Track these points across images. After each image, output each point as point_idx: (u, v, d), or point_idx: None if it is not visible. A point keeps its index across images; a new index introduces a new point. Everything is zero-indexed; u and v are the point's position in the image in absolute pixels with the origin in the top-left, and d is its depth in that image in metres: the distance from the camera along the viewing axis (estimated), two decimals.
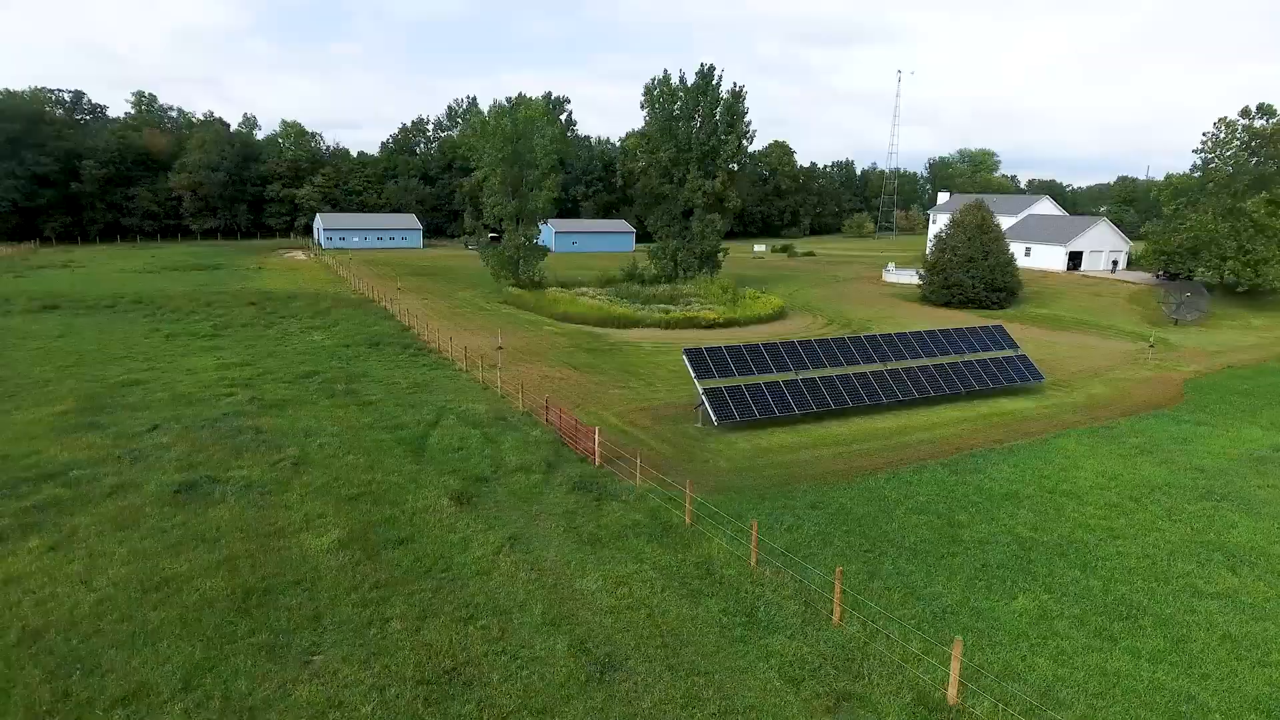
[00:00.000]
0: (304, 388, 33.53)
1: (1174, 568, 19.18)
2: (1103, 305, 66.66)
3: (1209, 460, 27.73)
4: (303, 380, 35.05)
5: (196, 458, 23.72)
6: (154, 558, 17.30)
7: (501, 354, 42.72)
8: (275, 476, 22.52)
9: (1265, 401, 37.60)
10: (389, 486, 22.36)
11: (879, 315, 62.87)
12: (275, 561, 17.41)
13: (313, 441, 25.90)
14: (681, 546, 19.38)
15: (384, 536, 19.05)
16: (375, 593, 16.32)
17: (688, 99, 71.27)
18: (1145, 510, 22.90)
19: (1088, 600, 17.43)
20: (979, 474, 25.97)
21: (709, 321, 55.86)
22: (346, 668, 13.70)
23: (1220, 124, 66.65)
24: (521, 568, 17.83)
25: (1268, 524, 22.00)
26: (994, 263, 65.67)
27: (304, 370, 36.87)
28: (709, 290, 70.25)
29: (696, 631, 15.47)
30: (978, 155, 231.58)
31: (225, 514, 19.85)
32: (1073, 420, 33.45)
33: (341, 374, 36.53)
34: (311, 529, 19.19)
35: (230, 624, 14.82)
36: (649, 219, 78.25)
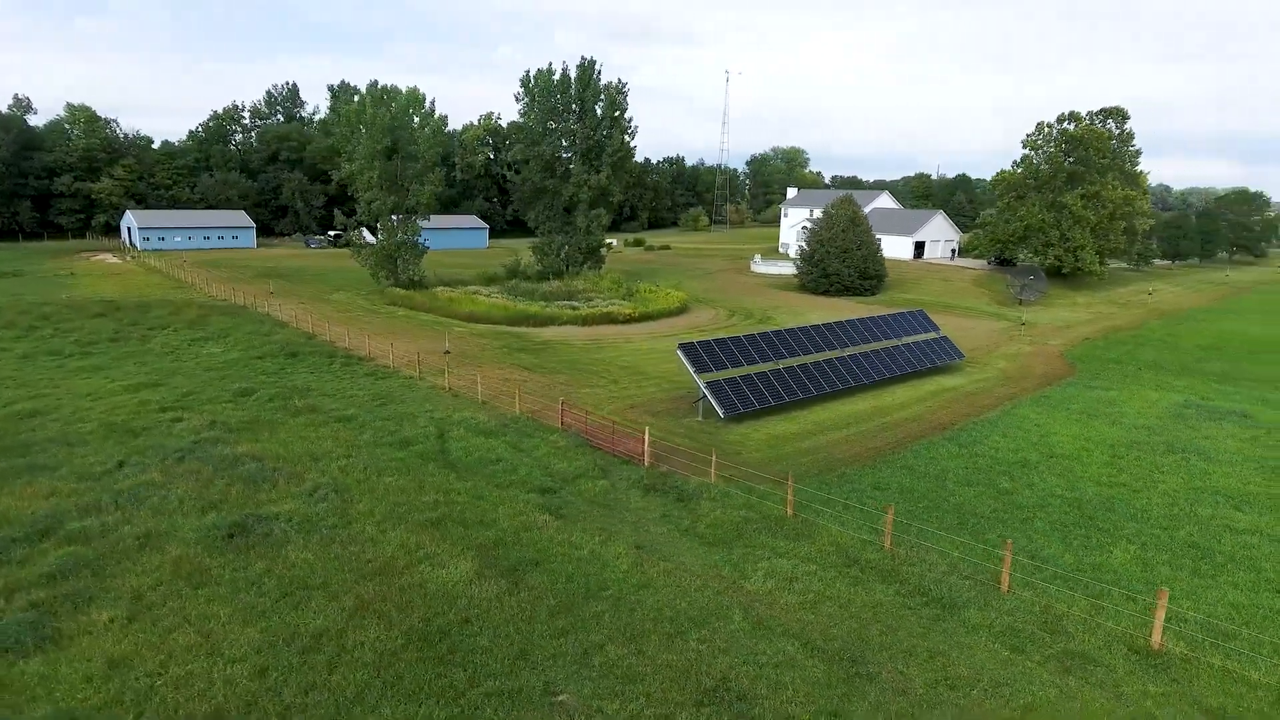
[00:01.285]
0: (257, 407, 29.58)
1: (1198, 512, 22.14)
2: (955, 289, 74.39)
3: (1142, 419, 32.09)
4: (244, 399, 30.93)
5: (211, 495, 20.30)
6: (274, 614, 14.71)
7: (449, 358, 40.09)
8: (326, 508, 19.83)
9: (1137, 367, 44.00)
10: (461, 506, 20.45)
11: (774, 305, 65.91)
12: (419, 601, 15.42)
13: (330, 465, 23.02)
14: (803, 537, 19.50)
15: (510, 560, 17.45)
16: (560, 620, 14.97)
17: (577, 90, 70.31)
18: (1137, 465, 26.13)
19: (1164, 546, 19.70)
20: (981, 444, 28.27)
21: (626, 317, 55.78)
22: (606, 702, 12.53)
23: (1039, 128, 76.78)
24: (676, 576, 17.10)
25: (1229, 469, 25.92)
26: (865, 253, 71.06)
27: (237, 388, 32.49)
28: (601, 285, 70.11)
29: (894, 616, 15.73)
30: (790, 153, 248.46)
31: (308, 555, 17.25)
32: (1008, 392, 37.24)
33: (283, 389, 32.62)
34: (426, 561, 17.17)
35: (440, 675, 13.00)
36: (529, 214, 76.43)
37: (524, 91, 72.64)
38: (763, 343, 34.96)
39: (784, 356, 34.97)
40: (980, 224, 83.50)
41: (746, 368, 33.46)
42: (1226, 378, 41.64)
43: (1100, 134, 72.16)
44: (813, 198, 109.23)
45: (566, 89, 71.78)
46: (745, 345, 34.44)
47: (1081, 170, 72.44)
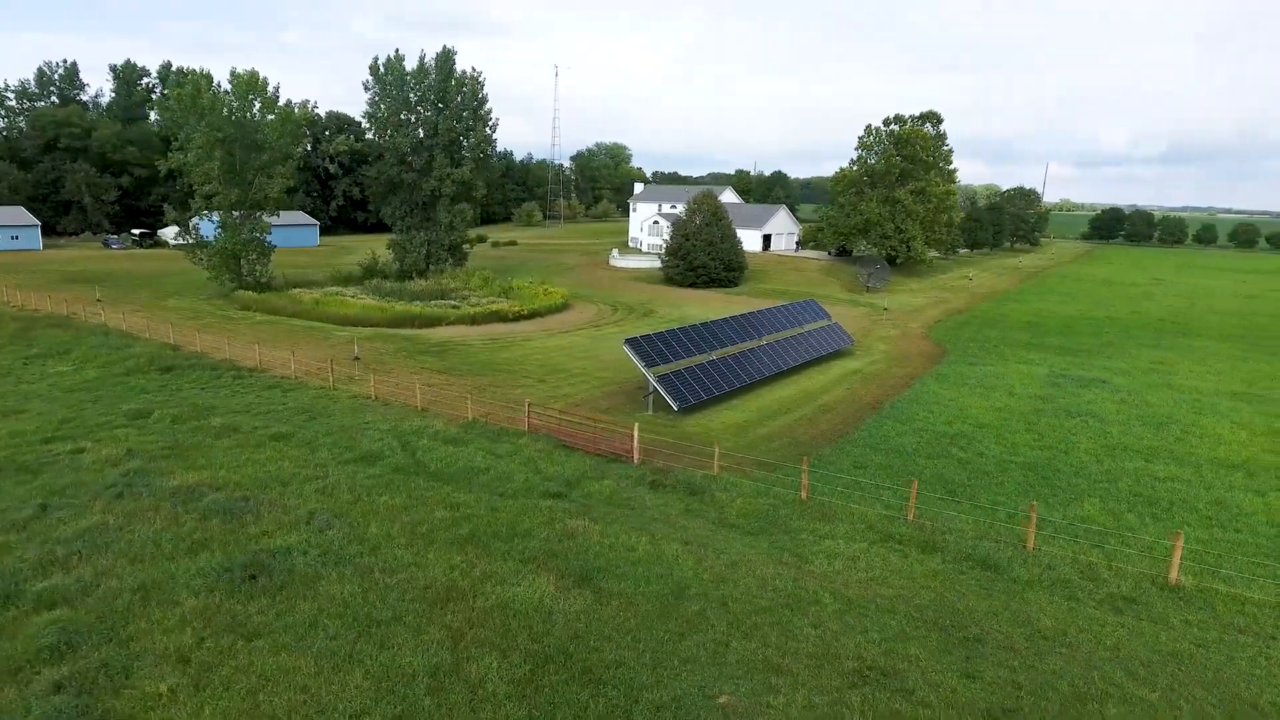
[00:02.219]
0: (167, 431, 25.90)
1: (1124, 466, 25.52)
2: (808, 279, 79.46)
3: (1028, 389, 36.29)
4: (142, 421, 27.01)
5: (189, 534, 17.53)
6: (364, 657, 13.11)
7: (357, 365, 37.06)
8: (338, 536, 17.84)
9: (993, 344, 49.50)
10: (483, 520, 19.19)
11: (650, 298, 66.97)
12: (516, 624, 14.37)
13: (305, 489, 20.63)
14: (830, 518, 20.28)
15: (575, 570, 16.67)
16: (668, 624, 14.57)
17: (437, 80, 67.11)
18: (1052, 430, 29.57)
19: (1117, 497, 22.57)
20: (915, 420, 30.69)
21: (515, 314, 54.35)
22: (766, 696, 12.44)
23: (869, 129, 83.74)
24: (744, 568, 17.18)
25: (1121, 427, 30.06)
26: (729, 246, 74.06)
27: (127, 410, 28.26)
28: (472, 283, 67.79)
29: (956, 582, 16.85)
30: (614, 149, 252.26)
31: (353, 589, 15.46)
32: (904, 372, 40.62)
33: (184, 409, 28.79)
34: (491, 580, 15.99)
35: (594, 695, 12.25)
36: (385, 209, 72.09)
37: (374, 80, 68.35)
38: (696, 335, 35.59)
39: (714, 348, 35.82)
40: (821, 218, 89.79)
41: (686, 360, 33.94)
42: (1065, 350, 47.97)
43: (923, 135, 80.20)
44: (660, 193, 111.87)
45: (423, 79, 68.40)
46: (681, 338, 34.90)
47: (910, 168, 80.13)
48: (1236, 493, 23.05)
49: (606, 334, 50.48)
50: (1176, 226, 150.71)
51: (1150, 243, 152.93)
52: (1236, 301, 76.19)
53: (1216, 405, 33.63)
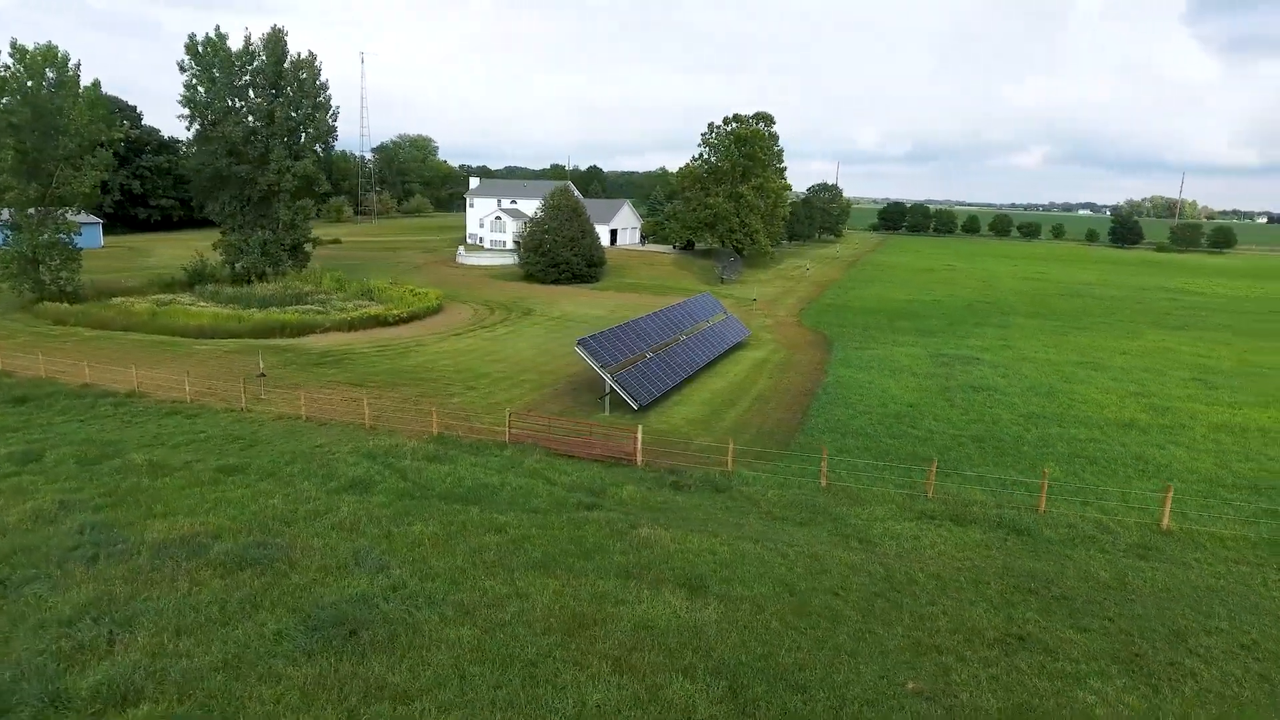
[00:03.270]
0: (78, 475, 21.80)
1: (1048, 431, 29.07)
2: (663, 273, 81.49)
3: (924, 368, 40.04)
4: (39, 465, 22.61)
5: (225, 596, 15.04)
6: (552, 702, 12.16)
7: (264, 382, 32.95)
8: (404, 575, 16.12)
9: (863, 329, 53.87)
10: (541, 540, 18.19)
11: (519, 297, 65.43)
12: (678, 644, 13.87)
13: (321, 527, 18.36)
14: (860, 501, 21.39)
15: (682, 580, 16.36)
16: (806, 621, 14.80)
17: (269, 63, 60.69)
18: (968, 404, 32.93)
19: (1062, 460, 25.75)
20: (853, 403, 32.86)
21: (396, 318, 50.89)
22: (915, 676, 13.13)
23: (711, 127, 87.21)
24: (827, 559, 17.73)
25: (1020, 398, 34.14)
26: (590, 241, 74.13)
27: (5, 454, 23.35)
28: (323, 284, 62.56)
29: (1005, 550, 18.53)
30: (419, 141, 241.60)
31: (471, 631, 14.11)
32: (809, 359, 43.23)
33: (87, 447, 24.39)
34: (608, 601, 15.28)
35: (805, 704, 12.23)
36: (212, 206, 64.26)
37: (193, 61, 60.62)
38: (632, 333, 35.59)
39: (648, 345, 36.01)
40: (667, 213, 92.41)
41: (630, 359, 33.86)
42: (923, 332, 53.32)
43: (760, 134, 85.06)
44: (498, 188, 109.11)
45: (248, 61, 61.67)
46: (621, 337, 34.74)
47: (750, 165, 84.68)
48: (1148, 448, 27.22)
49: (500, 335, 48.83)
50: (949, 218, 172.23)
51: (928, 232, 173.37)
52: (1018, 283, 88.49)
53: (1075, 374, 39.21)
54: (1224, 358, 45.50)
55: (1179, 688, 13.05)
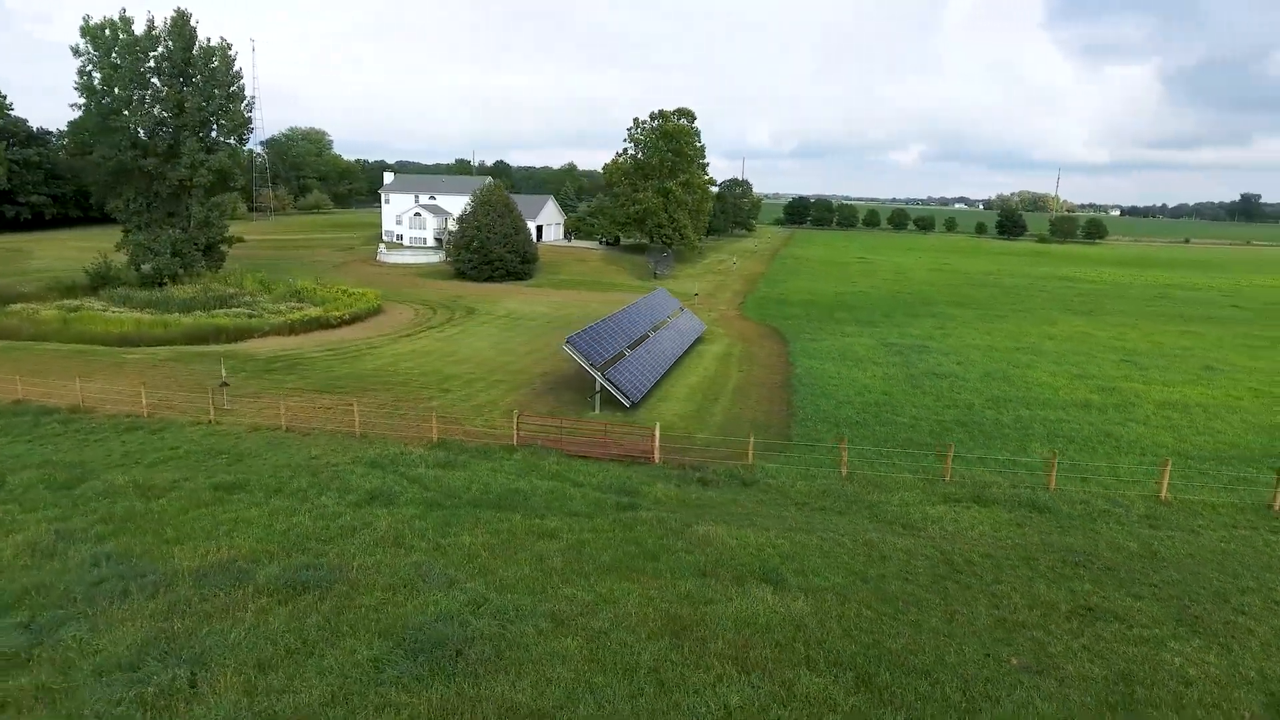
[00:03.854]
0: (72, 500, 19.84)
1: (1020, 414, 30.77)
2: (596, 269, 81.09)
3: (880, 357, 41.58)
4: (4, 493, 20.36)
5: (302, 622, 14.05)
6: (693, 711, 12.01)
7: (226, 391, 30.65)
8: (482, 588, 15.50)
9: (807, 320, 55.37)
10: (608, 543, 17.85)
11: (457, 295, 63.66)
12: (787, 639, 13.92)
13: (359, 543, 17.37)
14: (888, 488, 22.06)
15: (756, 575, 16.43)
16: (899, 607, 15.17)
17: (176, 49, 56.38)
18: (935, 389, 34.42)
19: (1040, 438, 27.34)
20: (830, 394, 33.77)
21: (339, 320, 48.50)
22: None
23: (636, 123, 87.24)
24: (884, 546, 18.21)
25: (980, 383, 35.98)
26: (524, 238, 72.90)
27: None
28: (245, 285, 58.92)
29: (1038, 527, 19.55)
30: (312, 134, 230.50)
31: (577, 643, 13.80)
32: (765, 352, 44.08)
33: (52, 468, 22.20)
34: (694, 601, 15.16)
35: (932, 686, 12.55)
36: (113, 202, 59.23)
37: (89, 43, 55.64)
38: (609, 331, 35.30)
39: (624, 342, 35.82)
40: (594, 209, 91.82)
41: (614, 356, 33.58)
42: (863, 322, 55.33)
43: (686, 130, 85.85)
44: (414, 183, 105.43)
45: (152, 46, 57.18)
46: (600, 335, 34.40)
47: (677, 160, 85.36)
48: (1111, 426, 29.28)
49: (453, 335, 47.38)
50: (850, 213, 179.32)
51: (831, 226, 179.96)
52: (929, 274, 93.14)
53: (1019, 359, 41.67)
54: (1135, 340, 49.45)
55: (1245, 644, 14.14)
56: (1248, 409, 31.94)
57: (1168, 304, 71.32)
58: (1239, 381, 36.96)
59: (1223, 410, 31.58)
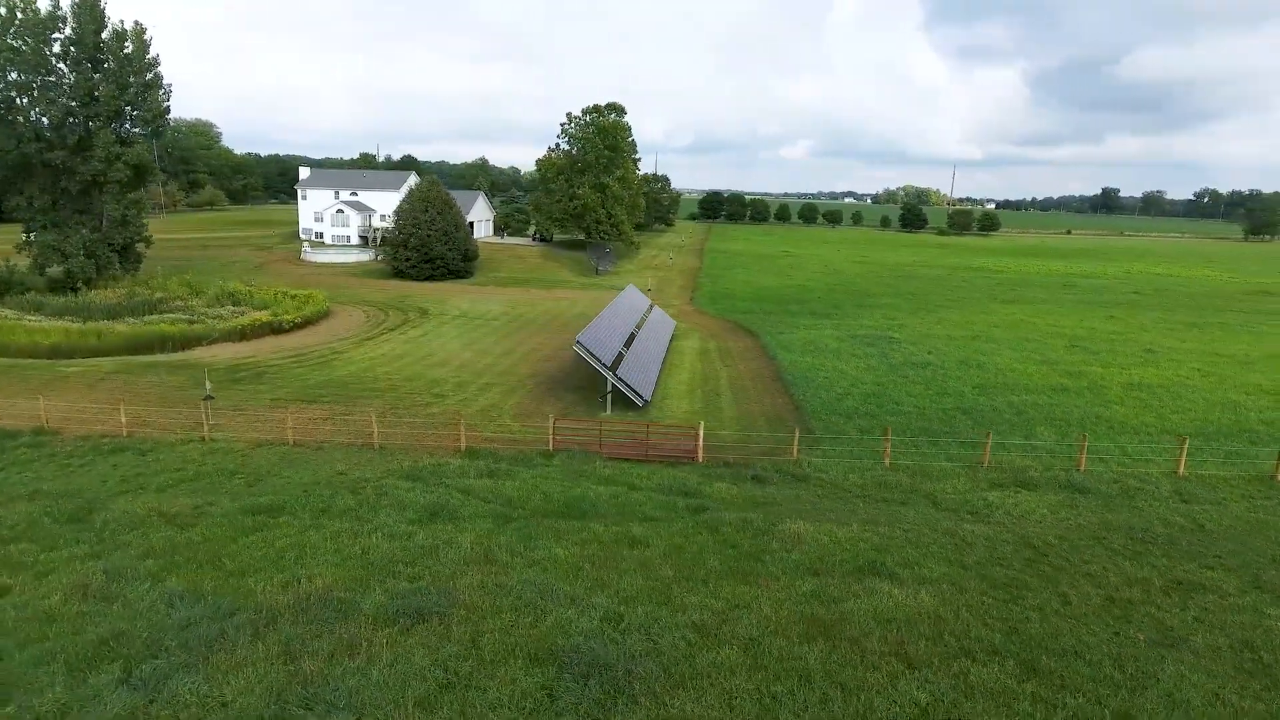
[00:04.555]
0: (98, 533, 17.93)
1: (1010, 399, 32.21)
2: (535, 265, 79.67)
3: (855, 350, 42.68)
4: (9, 531, 18.20)
5: (440, 653, 13.15)
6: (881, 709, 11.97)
7: (211, 405, 28.23)
8: (608, 602, 14.97)
9: (765, 314, 56.22)
10: (707, 549, 17.60)
11: (403, 295, 61.21)
12: (936, 632, 14.08)
13: (445, 563, 16.45)
14: (932, 477, 22.67)
15: (866, 569, 16.55)
16: (1010, 593, 15.62)
17: (86, 33, 51.50)
18: (919, 378, 35.57)
19: (1039, 422, 28.77)
20: (827, 387, 34.37)
21: (291, 324, 45.67)
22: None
23: (570, 117, 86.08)
24: (960, 536, 18.67)
25: (960, 371, 37.49)
26: (464, 235, 70.81)
27: None
28: (170, 288, 54.70)
29: (1088, 508, 20.55)
30: (199, 126, 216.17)
31: (735, 653, 13.55)
32: (741, 347, 44.55)
33: (54, 499, 20.02)
34: (822, 600, 15.16)
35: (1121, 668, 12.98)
36: (13, 200, 53.67)
37: None
38: (605, 329, 34.77)
39: (619, 341, 35.39)
40: (530, 204, 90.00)
41: (616, 356, 33.09)
42: (816, 315, 56.69)
43: (620, 125, 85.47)
44: (332, 178, 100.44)
45: (54, 28, 52.08)
46: (600, 334, 33.82)
47: (613, 156, 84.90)
48: (1096, 408, 31.14)
49: (416, 338, 45.51)
50: (763, 207, 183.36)
51: (744, 220, 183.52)
52: (855, 266, 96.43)
53: (980, 347, 43.68)
54: (1072, 326, 52.79)
55: None
56: (1201, 388, 34.67)
57: (1078, 292, 76.46)
58: (1181, 363, 40.07)
59: (1182, 390, 34.16)
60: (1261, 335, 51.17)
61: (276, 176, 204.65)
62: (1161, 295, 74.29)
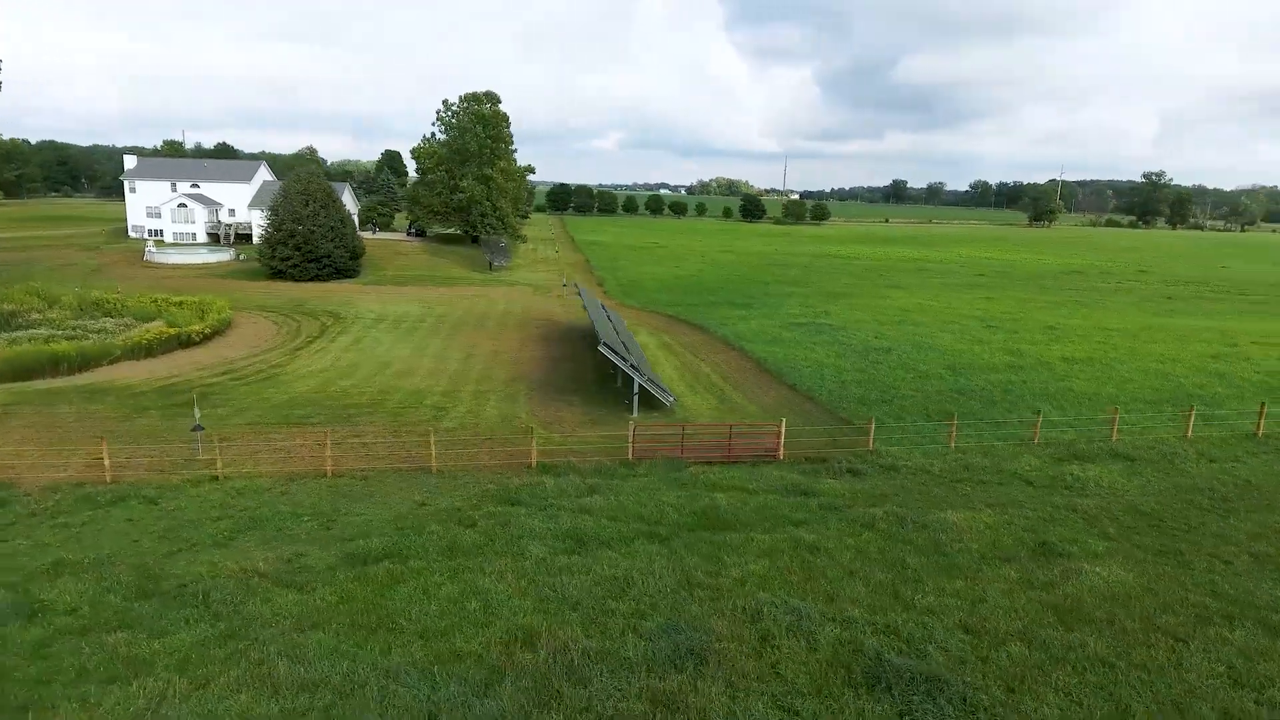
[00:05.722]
0: (188, 614, 14.71)
1: (986, 380, 34.63)
2: (423, 262, 74.85)
3: (796, 336, 43.91)
4: (74, 619, 14.62)
5: (735, 675, 12.04)
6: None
7: (201, 436, 23.78)
8: (874, 619, 14.48)
9: (694, 306, 56.51)
10: (889, 545, 17.43)
11: (298, 300, 55.29)
12: (1162, 603, 14.87)
13: (657, 591, 15.19)
14: (1003, 457, 23.92)
15: (1033, 547, 17.18)
16: (1179, 560, 16.84)
17: None
18: (900, 364, 37.34)
19: (1044, 397, 31.23)
20: (815, 375, 35.15)
21: (201, 336, 39.80)
22: None
23: (446, 105, 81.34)
24: (1099, 511, 19.75)
25: (930, 355, 39.75)
26: (351, 231, 65.21)
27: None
28: (16, 298, 45.84)
29: (1149, 475, 22.59)
30: None
31: (1020, 649, 13.58)
32: (696, 340, 44.64)
33: (103, 572, 16.22)
34: (1030, 585, 15.57)
35: None
36: None
37: None
38: (606, 332, 33.40)
39: (626, 343, 34.23)
40: (407, 197, 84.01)
41: (632, 357, 31.91)
42: (738, 305, 57.66)
43: (500, 115, 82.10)
44: (167, 168, 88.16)
45: None
46: (610, 337, 32.44)
47: (495, 146, 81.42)
48: (1056, 382, 34.17)
49: (349, 346, 41.34)
50: (611, 199, 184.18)
51: (592, 213, 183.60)
52: (729, 256, 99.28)
53: (919, 332, 46.42)
54: (966, 308, 57.64)
55: None
56: (1121, 360, 39.19)
57: (936, 275, 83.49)
58: (1087, 337, 45.07)
59: (1110, 362, 38.44)
60: (1122, 310, 58.82)
61: (56, 166, 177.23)
62: (1004, 277, 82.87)
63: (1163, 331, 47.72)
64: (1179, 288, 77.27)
